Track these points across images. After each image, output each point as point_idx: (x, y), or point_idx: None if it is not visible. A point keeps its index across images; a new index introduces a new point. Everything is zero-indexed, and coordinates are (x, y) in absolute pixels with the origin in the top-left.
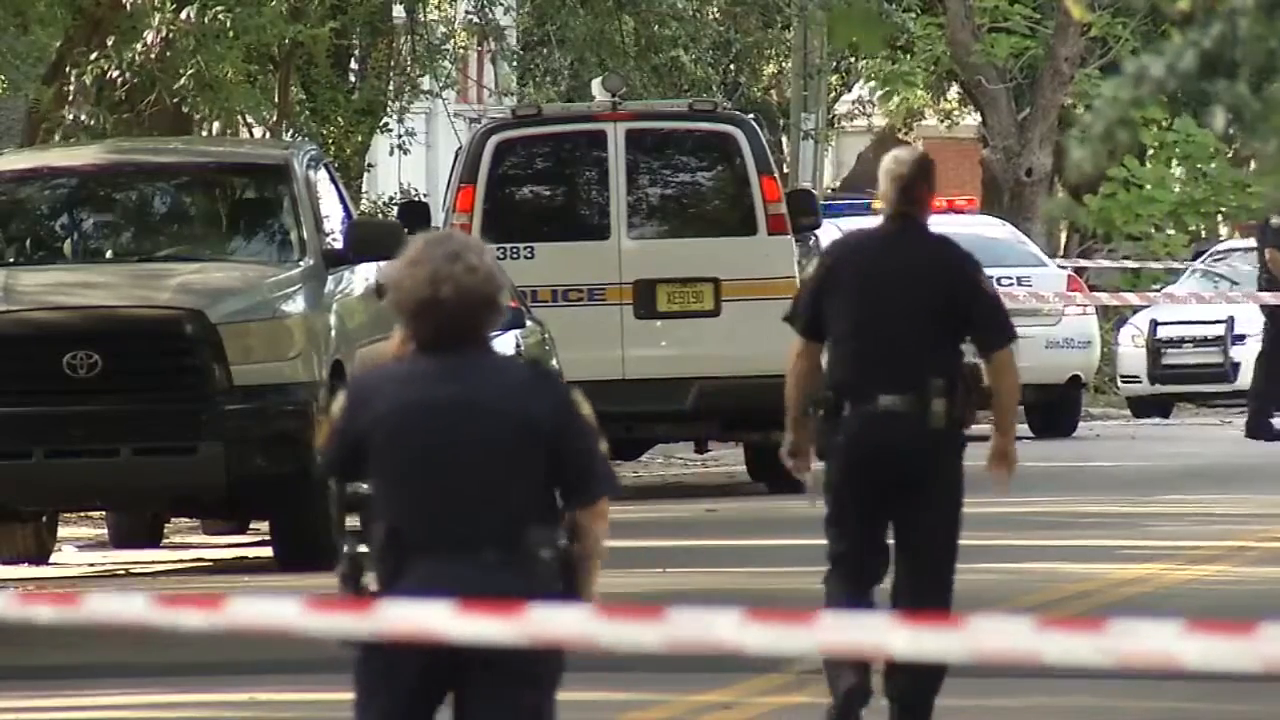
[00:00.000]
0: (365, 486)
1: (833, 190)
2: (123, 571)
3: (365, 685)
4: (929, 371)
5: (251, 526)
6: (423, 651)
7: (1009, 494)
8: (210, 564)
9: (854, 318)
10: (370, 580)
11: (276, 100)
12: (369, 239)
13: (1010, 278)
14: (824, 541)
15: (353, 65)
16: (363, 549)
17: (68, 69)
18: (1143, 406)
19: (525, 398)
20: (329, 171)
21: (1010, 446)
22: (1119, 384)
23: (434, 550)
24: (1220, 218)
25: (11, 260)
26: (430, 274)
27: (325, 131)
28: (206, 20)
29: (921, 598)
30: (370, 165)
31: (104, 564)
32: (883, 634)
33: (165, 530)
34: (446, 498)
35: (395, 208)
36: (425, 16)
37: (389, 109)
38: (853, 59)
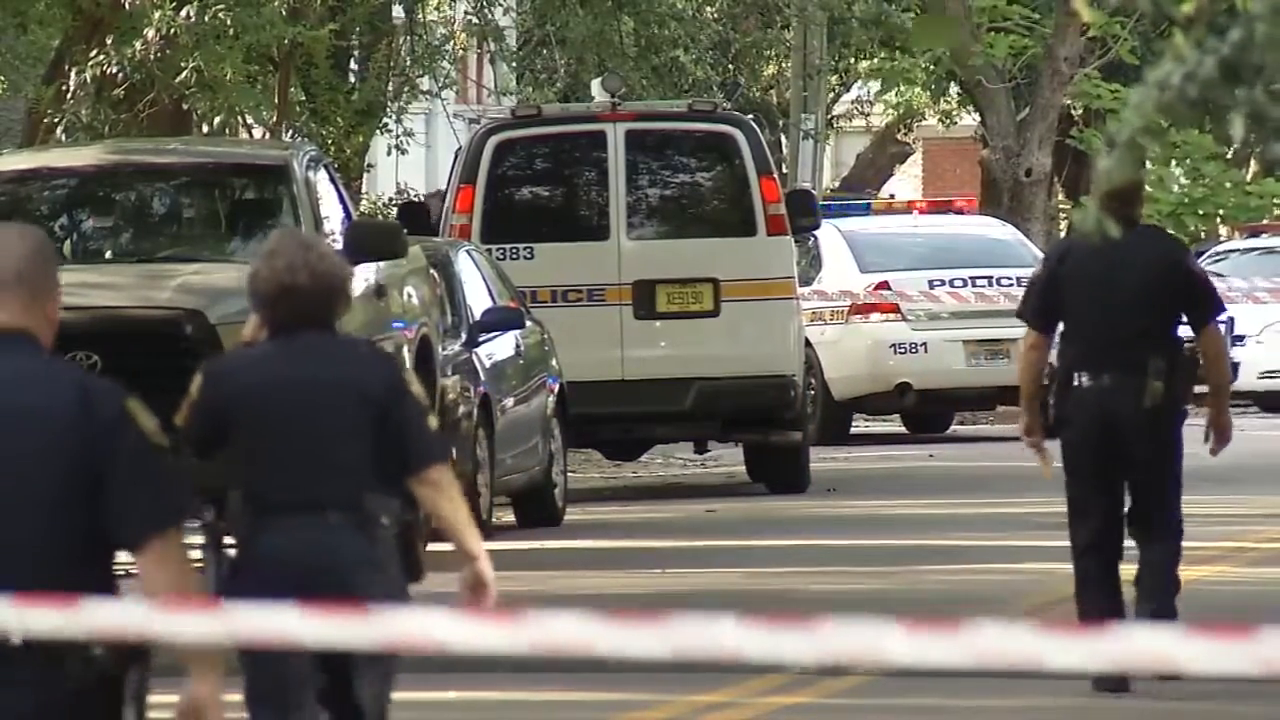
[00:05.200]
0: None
1: (832, 190)
2: (122, 572)
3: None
4: (1150, 352)
5: None
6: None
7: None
8: None
9: (1082, 306)
10: (229, 543)
11: (276, 100)
12: (369, 240)
13: (1010, 278)
14: (822, 542)
15: (353, 66)
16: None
17: (67, 68)
18: None
19: (363, 374)
20: (329, 172)
21: (1223, 418)
22: None
23: (285, 512)
24: (1219, 218)
25: None
26: (287, 264)
27: (325, 132)
28: (206, 19)
29: (1149, 556)
30: (370, 166)
31: None
32: (880, 637)
33: None
34: (297, 465)
35: (395, 208)
36: (425, 17)
37: (388, 109)
38: (852, 59)
